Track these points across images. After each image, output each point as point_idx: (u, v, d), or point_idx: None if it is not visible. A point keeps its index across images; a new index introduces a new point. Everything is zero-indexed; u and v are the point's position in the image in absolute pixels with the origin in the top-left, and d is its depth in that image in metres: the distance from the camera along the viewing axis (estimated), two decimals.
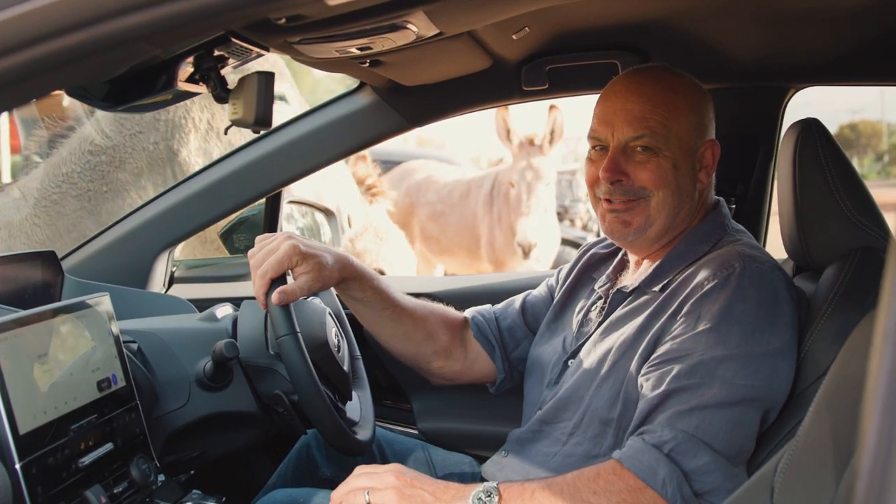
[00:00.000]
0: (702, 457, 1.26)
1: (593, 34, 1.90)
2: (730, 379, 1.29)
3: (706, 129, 1.51)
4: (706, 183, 1.52)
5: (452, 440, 2.12)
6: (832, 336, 1.26)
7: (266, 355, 1.65)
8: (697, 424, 1.28)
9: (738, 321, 1.32)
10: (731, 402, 1.29)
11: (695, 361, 1.32)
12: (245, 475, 2.09)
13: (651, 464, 1.26)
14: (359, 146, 2.17)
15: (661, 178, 1.46)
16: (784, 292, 1.36)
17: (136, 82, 1.38)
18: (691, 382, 1.30)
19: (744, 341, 1.31)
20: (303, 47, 1.45)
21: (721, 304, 1.34)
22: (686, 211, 1.51)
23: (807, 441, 1.07)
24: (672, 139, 1.46)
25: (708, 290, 1.37)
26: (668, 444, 1.27)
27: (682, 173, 1.47)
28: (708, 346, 1.32)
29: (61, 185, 3.11)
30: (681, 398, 1.30)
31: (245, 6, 0.84)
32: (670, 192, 1.47)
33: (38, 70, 0.83)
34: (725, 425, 1.28)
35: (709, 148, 1.50)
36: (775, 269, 1.39)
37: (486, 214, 5.96)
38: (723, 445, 1.28)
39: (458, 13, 1.43)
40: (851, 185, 1.42)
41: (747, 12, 1.73)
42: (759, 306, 1.33)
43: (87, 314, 1.35)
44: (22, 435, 1.15)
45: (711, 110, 1.53)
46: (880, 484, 0.54)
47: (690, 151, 1.48)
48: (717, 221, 1.52)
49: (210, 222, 2.21)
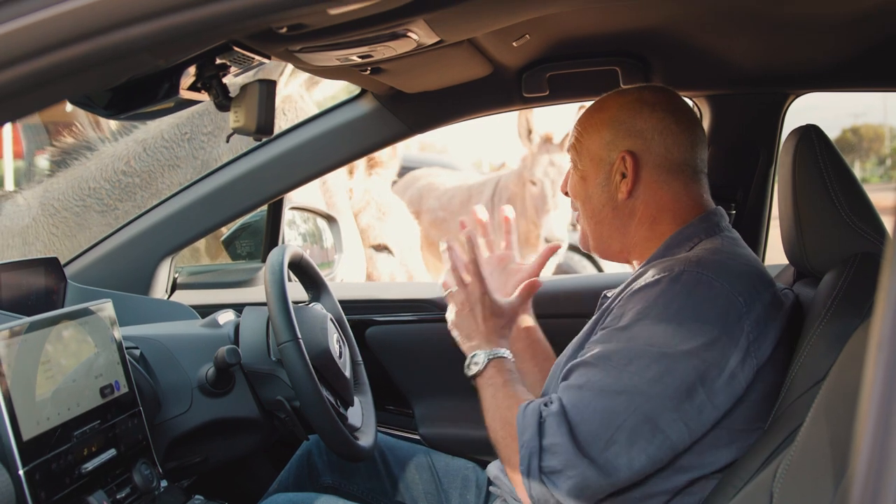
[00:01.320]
0: (558, 436, 1.29)
1: (593, 41, 1.90)
2: (620, 366, 1.32)
3: (625, 140, 1.51)
4: (628, 191, 1.51)
5: (454, 445, 2.12)
6: (830, 342, 1.26)
7: (268, 361, 1.66)
8: (576, 402, 1.32)
9: (651, 321, 1.33)
10: (614, 389, 1.31)
11: (603, 347, 1.36)
12: (247, 481, 2.09)
13: (527, 424, 1.33)
14: (360, 153, 2.18)
15: (573, 190, 1.59)
16: (720, 300, 1.33)
17: (138, 90, 1.39)
18: (589, 361, 1.36)
19: (649, 339, 1.32)
20: (304, 55, 1.45)
21: (643, 303, 1.35)
22: (622, 221, 1.54)
23: (806, 447, 1.07)
24: (583, 153, 1.55)
25: (640, 288, 1.39)
26: (545, 413, 1.33)
27: (591, 184, 1.54)
28: (619, 338, 1.36)
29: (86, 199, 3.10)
30: (576, 373, 1.37)
31: (248, 17, 0.84)
32: (584, 202, 1.57)
33: (42, 81, 0.84)
34: (599, 412, 1.30)
35: (622, 158, 1.50)
36: (723, 275, 1.36)
37: None
38: (586, 431, 1.30)
39: (458, 21, 1.44)
40: (851, 191, 1.43)
41: (747, 19, 1.73)
42: (679, 310, 1.33)
43: (89, 320, 1.36)
44: (25, 441, 1.15)
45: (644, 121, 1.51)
46: (874, 490, 0.54)
47: (601, 163, 1.53)
48: (702, 227, 1.50)
49: (212, 229, 2.22)
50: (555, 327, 1.85)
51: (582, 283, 2.53)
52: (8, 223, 3.13)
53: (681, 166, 1.51)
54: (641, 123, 1.51)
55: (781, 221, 1.55)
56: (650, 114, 1.51)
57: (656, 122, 1.50)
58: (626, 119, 1.52)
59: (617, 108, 1.54)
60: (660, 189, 1.51)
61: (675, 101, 1.55)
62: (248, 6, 0.85)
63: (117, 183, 3.09)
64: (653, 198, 1.52)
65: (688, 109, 1.55)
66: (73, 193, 3.11)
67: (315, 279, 1.91)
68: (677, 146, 1.50)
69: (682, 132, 1.51)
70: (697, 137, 1.53)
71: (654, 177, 1.51)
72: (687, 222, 1.51)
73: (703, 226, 1.50)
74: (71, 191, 3.12)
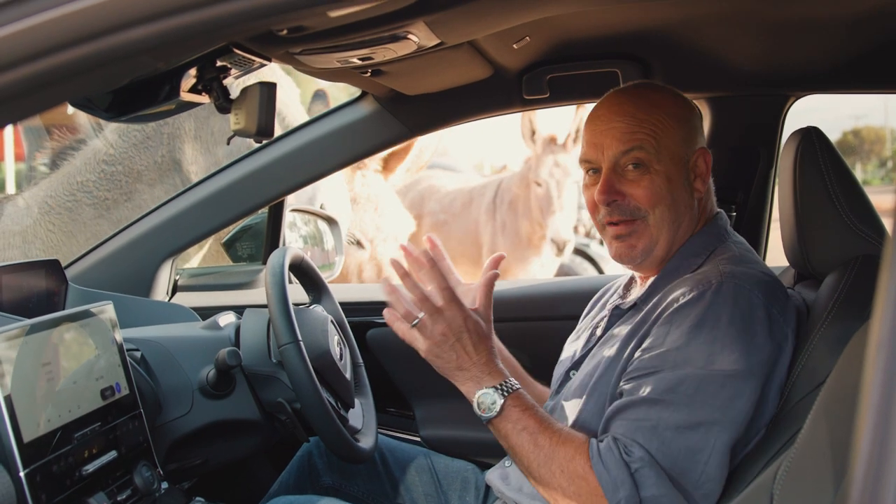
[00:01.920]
0: (661, 487, 1.26)
1: (594, 43, 1.91)
2: (689, 397, 1.28)
3: (695, 138, 1.50)
4: (703, 192, 1.50)
5: (455, 447, 2.12)
6: (831, 344, 1.26)
7: (269, 363, 1.66)
8: (659, 445, 1.28)
9: (706, 340, 1.30)
10: (690, 423, 1.28)
11: (660, 376, 1.31)
12: (247, 483, 2.09)
13: (616, 480, 1.26)
14: (361, 155, 2.18)
15: (655, 194, 1.45)
16: (760, 311, 1.33)
17: (139, 93, 1.39)
18: (654, 397, 1.30)
19: (709, 361, 1.29)
20: (304, 58, 1.46)
21: (692, 321, 1.32)
22: (687, 223, 1.50)
23: (806, 449, 1.07)
24: (663, 152, 1.44)
25: (681, 305, 1.35)
26: (635, 464, 1.27)
27: (676, 186, 1.45)
28: (675, 362, 1.31)
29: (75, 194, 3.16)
30: (642, 411, 1.30)
31: (248, 19, 0.84)
32: (666, 207, 1.46)
33: (43, 83, 0.84)
34: (683, 451, 1.27)
35: (700, 156, 1.49)
36: (757, 285, 1.35)
37: (488, 222, 5.94)
38: (679, 473, 1.27)
39: (458, 23, 1.44)
40: (852, 194, 1.43)
41: (747, 21, 1.74)
42: (730, 324, 1.31)
43: (90, 323, 1.36)
44: (26, 443, 1.15)
45: (698, 119, 1.52)
46: (874, 491, 0.54)
47: (682, 162, 1.47)
48: (713, 233, 1.50)
49: (213, 231, 2.22)
50: (555, 329, 1.85)
51: (583, 285, 2.53)
52: (10, 224, 3.15)
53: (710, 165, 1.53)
54: (696, 121, 1.51)
55: (782, 223, 1.55)
56: (694, 109, 1.52)
57: (699, 120, 1.52)
58: (686, 115, 1.50)
59: (672, 103, 1.50)
60: (709, 190, 1.53)
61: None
62: (248, 9, 0.85)
63: (101, 173, 3.15)
64: (706, 199, 1.52)
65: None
66: (63, 190, 3.17)
67: (316, 281, 1.91)
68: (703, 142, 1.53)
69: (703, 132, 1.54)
70: None
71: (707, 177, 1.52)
72: (698, 227, 1.51)
73: (712, 232, 1.51)
74: (62, 188, 3.17)
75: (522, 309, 2.26)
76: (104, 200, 3.15)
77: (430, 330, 1.39)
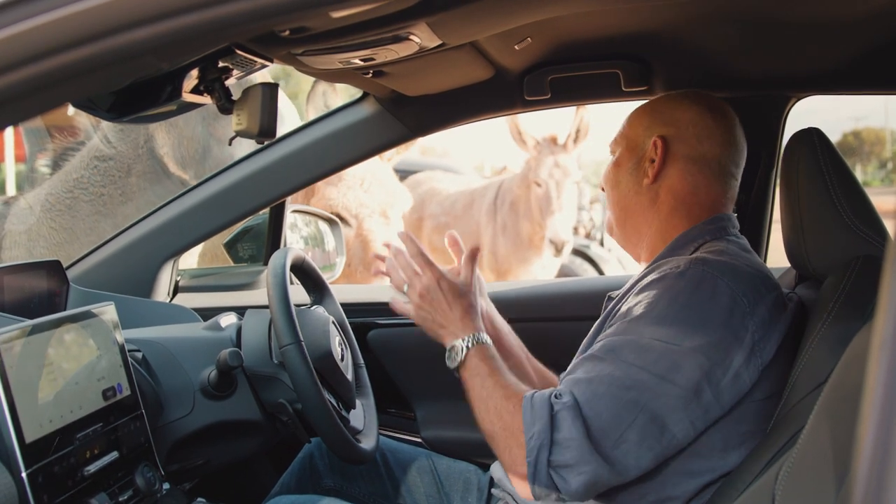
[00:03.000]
0: (573, 431, 1.27)
1: (595, 44, 1.91)
2: (630, 361, 1.31)
3: (658, 127, 1.56)
4: (654, 175, 1.54)
5: (457, 448, 2.12)
6: (832, 345, 1.26)
7: (270, 364, 1.66)
8: (588, 397, 1.30)
9: (657, 315, 1.34)
10: (623, 384, 1.30)
11: (608, 340, 1.36)
12: (249, 483, 2.10)
13: (537, 415, 1.30)
14: (362, 156, 2.18)
15: (606, 178, 1.63)
16: (724, 299, 1.34)
17: (141, 93, 1.40)
18: (599, 355, 1.35)
19: (654, 332, 1.32)
20: (306, 58, 1.46)
21: (649, 299, 1.36)
22: (643, 207, 1.57)
23: (808, 449, 1.07)
24: (621, 140, 1.61)
25: (645, 285, 1.40)
26: (557, 405, 1.30)
27: (622, 170, 1.59)
28: (624, 330, 1.36)
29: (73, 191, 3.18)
30: (586, 367, 1.35)
31: (251, 20, 0.85)
32: (613, 188, 1.61)
33: (46, 84, 0.84)
34: (610, 408, 1.29)
35: (654, 143, 1.55)
36: (728, 274, 1.37)
37: (488, 224, 5.93)
38: (598, 427, 1.28)
39: (460, 24, 1.44)
40: (853, 194, 1.43)
41: (748, 22, 1.74)
42: (685, 306, 1.34)
43: (92, 323, 1.36)
44: (28, 443, 1.15)
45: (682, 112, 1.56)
46: (876, 492, 0.54)
47: (637, 148, 1.57)
48: (708, 229, 1.52)
49: (214, 232, 2.22)
50: (556, 330, 1.85)
51: (583, 286, 2.53)
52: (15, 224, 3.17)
53: (708, 161, 1.54)
54: (679, 114, 1.56)
55: (783, 224, 1.55)
56: (689, 106, 1.56)
57: (694, 115, 1.55)
58: (667, 109, 1.58)
59: (663, 100, 1.62)
60: (682, 178, 1.54)
61: (719, 102, 1.59)
62: (251, 9, 0.85)
63: (95, 169, 3.18)
64: (674, 186, 1.54)
65: (728, 112, 1.58)
66: (62, 187, 3.20)
67: (317, 282, 1.92)
68: (709, 139, 1.54)
69: (717, 127, 1.54)
70: (733, 137, 1.56)
71: (680, 165, 1.54)
72: (697, 222, 1.53)
73: (709, 228, 1.52)
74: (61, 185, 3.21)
75: (523, 310, 2.26)
76: (101, 196, 3.17)
77: (412, 291, 1.55)
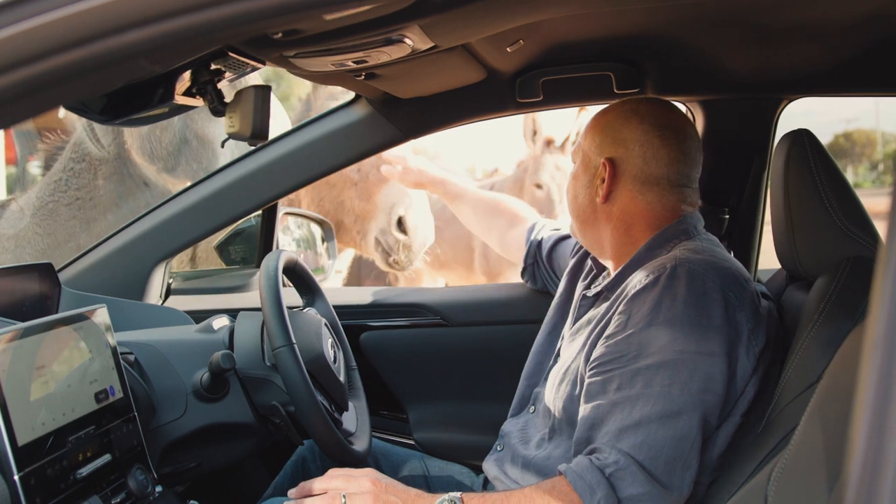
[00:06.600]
0: (638, 486, 1.28)
1: (587, 47, 1.91)
2: (667, 388, 1.31)
3: (608, 148, 1.57)
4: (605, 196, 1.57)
5: (449, 450, 2.12)
6: (823, 345, 1.27)
7: (262, 366, 1.66)
8: (640, 443, 1.30)
9: (665, 320, 1.34)
10: (671, 413, 1.30)
11: (632, 369, 1.34)
12: (242, 486, 2.09)
13: (591, 484, 1.28)
14: (354, 158, 2.18)
15: (567, 186, 1.68)
16: (716, 294, 1.36)
17: (133, 96, 1.39)
18: (632, 393, 1.33)
19: (674, 343, 1.32)
20: (298, 61, 1.46)
21: (649, 304, 1.37)
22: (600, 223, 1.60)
23: (800, 450, 1.07)
24: (579, 154, 1.65)
25: (637, 291, 1.40)
26: (610, 468, 1.29)
27: (578, 183, 1.63)
28: (640, 350, 1.35)
29: (54, 194, 3.16)
30: (623, 411, 1.33)
31: (243, 23, 0.85)
32: (571, 199, 1.66)
33: (37, 87, 0.84)
34: (669, 442, 1.29)
35: (603, 164, 1.57)
36: (712, 270, 1.39)
37: None
38: (663, 464, 1.29)
39: (452, 27, 1.44)
40: (843, 195, 1.43)
41: (740, 25, 1.74)
42: (686, 305, 1.35)
43: (84, 326, 1.36)
44: (20, 446, 1.15)
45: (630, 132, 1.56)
46: (868, 492, 0.54)
47: (590, 165, 1.60)
48: (680, 229, 1.54)
49: (206, 234, 2.22)
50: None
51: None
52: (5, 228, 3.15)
53: (657, 179, 1.55)
54: (627, 133, 1.56)
55: (774, 225, 1.56)
56: (637, 125, 1.56)
57: (640, 135, 1.55)
58: (616, 127, 1.58)
59: (614, 115, 1.60)
60: (633, 199, 1.56)
61: (669, 115, 1.59)
62: (243, 12, 0.85)
63: (71, 171, 3.16)
64: (627, 206, 1.57)
65: (679, 126, 1.58)
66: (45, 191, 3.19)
67: (309, 284, 1.91)
68: (655, 160, 1.54)
69: (664, 147, 1.54)
70: (681, 153, 1.55)
71: (629, 186, 1.56)
72: (659, 229, 1.55)
73: (681, 228, 1.54)
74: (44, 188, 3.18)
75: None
76: (76, 200, 3.15)
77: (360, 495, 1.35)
